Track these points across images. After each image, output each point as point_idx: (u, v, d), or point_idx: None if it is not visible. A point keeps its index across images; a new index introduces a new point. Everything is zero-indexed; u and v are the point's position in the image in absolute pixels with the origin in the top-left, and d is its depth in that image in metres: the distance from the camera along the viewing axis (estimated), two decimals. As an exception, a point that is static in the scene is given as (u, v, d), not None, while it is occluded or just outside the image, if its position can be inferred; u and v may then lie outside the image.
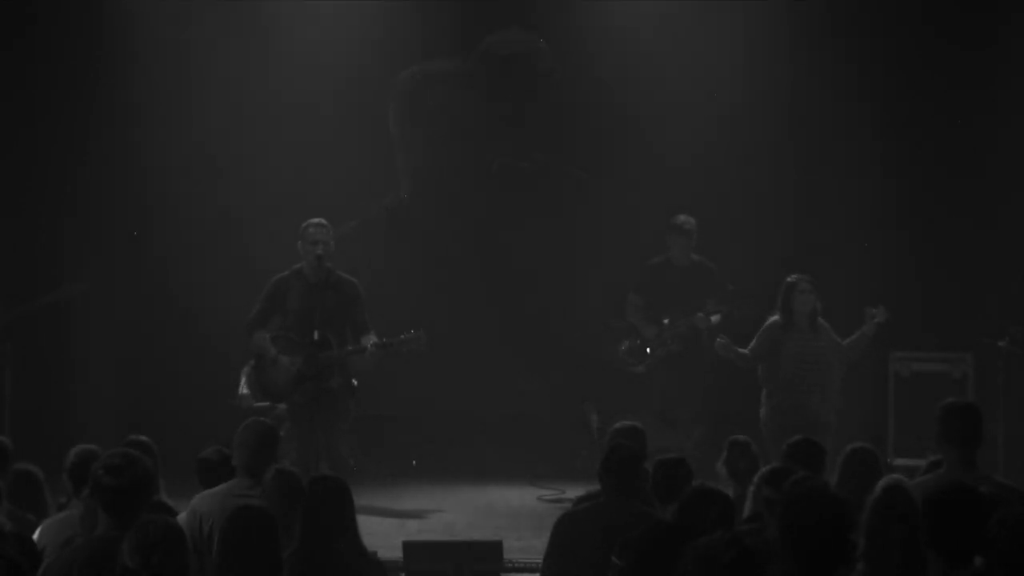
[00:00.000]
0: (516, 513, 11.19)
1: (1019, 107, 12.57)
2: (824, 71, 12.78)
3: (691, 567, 4.04)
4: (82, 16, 12.81)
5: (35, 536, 6.39)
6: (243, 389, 11.06)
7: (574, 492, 10.04)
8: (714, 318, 11.35)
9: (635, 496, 6.85)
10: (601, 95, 13.10)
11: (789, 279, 10.57)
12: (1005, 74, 12.64)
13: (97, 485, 5.64)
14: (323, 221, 10.44)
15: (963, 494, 5.35)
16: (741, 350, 10.67)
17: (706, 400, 11.61)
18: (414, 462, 13.06)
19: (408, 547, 8.36)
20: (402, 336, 10.34)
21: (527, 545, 9.45)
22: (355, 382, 10.44)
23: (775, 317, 10.58)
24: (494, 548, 8.48)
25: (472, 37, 13.44)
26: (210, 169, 12.79)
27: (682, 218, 11.67)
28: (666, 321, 11.57)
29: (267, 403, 10.92)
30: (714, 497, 5.87)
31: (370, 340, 10.21)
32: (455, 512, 11.17)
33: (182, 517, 6.62)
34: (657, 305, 11.63)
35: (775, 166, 12.78)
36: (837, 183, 12.70)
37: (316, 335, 10.23)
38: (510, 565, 8.83)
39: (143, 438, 7.18)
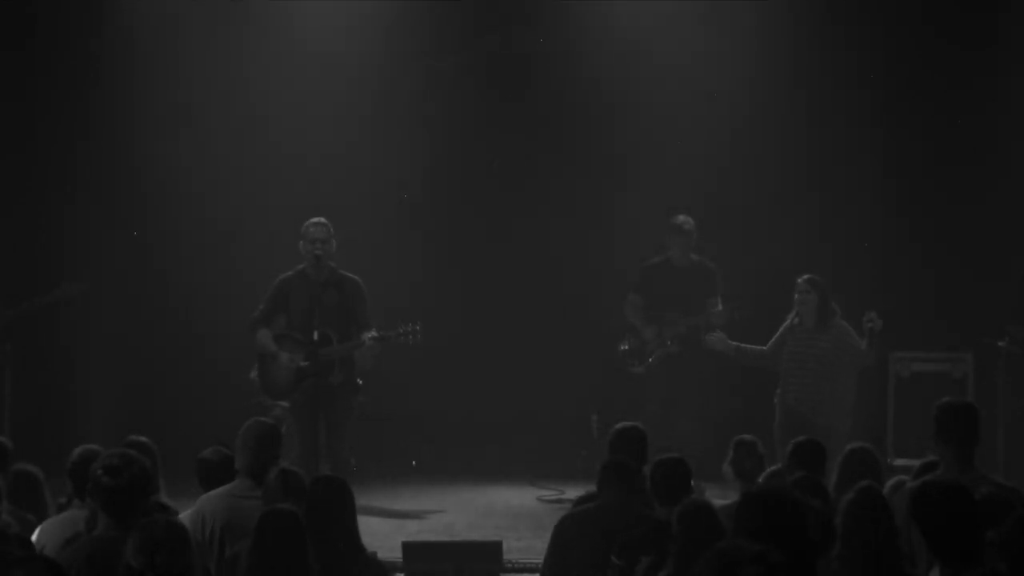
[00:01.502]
0: (516, 513, 11.19)
1: (1019, 108, 12.57)
2: (824, 72, 12.77)
3: (710, 573, 3.98)
4: (82, 16, 12.81)
5: (34, 536, 6.38)
6: None
7: (574, 492, 10.04)
8: (719, 320, 11.36)
9: (634, 497, 6.85)
10: (602, 94, 13.09)
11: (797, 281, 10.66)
12: (1006, 75, 12.63)
13: (96, 485, 5.67)
14: (323, 220, 10.43)
15: (952, 494, 5.34)
16: (753, 347, 10.82)
17: (706, 400, 11.60)
18: (414, 462, 13.07)
19: (408, 547, 8.36)
20: (399, 329, 10.36)
21: (527, 545, 9.47)
22: (360, 381, 10.45)
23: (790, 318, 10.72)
24: (494, 548, 8.48)
25: (472, 36, 13.43)
26: (210, 169, 12.78)
27: (681, 218, 11.66)
28: (667, 320, 11.55)
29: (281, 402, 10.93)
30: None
31: (369, 335, 10.22)
32: (455, 512, 11.17)
33: (183, 516, 6.61)
34: (657, 305, 11.61)
35: (776, 167, 12.77)
36: (837, 185, 12.71)
37: (316, 334, 10.24)
38: (510, 565, 8.83)
39: (143, 438, 7.17)
